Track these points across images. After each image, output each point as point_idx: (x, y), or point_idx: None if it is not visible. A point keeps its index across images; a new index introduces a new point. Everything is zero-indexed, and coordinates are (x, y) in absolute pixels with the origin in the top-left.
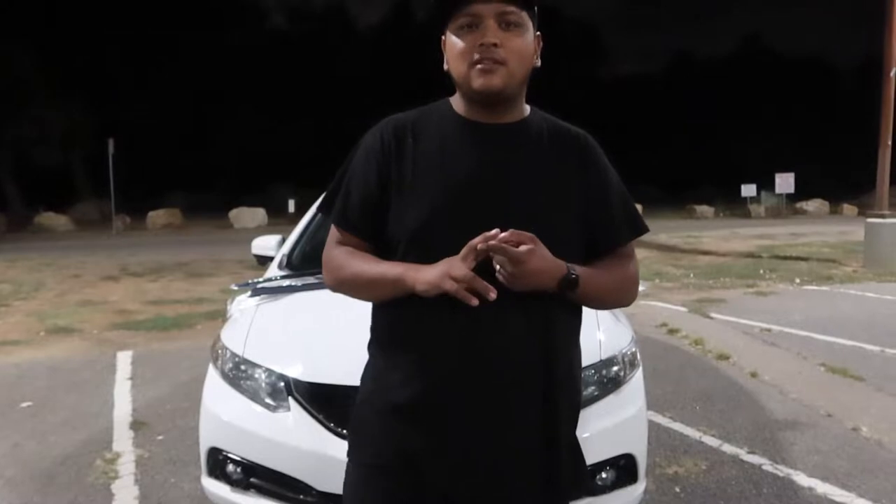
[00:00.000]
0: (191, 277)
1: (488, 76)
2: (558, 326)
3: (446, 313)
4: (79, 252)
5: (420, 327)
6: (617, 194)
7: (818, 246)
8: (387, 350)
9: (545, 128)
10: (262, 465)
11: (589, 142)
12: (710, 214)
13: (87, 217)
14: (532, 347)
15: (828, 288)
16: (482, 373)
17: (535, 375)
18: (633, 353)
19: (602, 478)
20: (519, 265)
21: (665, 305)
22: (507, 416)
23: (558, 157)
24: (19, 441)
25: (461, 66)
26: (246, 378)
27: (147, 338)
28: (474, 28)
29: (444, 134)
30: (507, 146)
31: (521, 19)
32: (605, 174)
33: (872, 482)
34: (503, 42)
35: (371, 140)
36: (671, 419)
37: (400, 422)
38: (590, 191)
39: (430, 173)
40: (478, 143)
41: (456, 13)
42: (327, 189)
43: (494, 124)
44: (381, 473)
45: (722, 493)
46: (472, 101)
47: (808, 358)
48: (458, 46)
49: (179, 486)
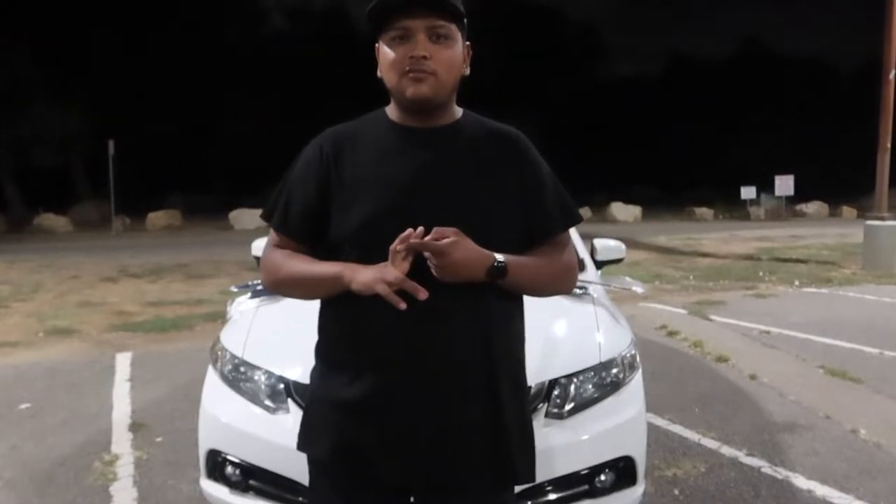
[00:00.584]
0: (190, 279)
1: (418, 85)
2: (495, 314)
3: (390, 312)
4: (78, 253)
5: (364, 327)
6: (550, 188)
7: (817, 248)
8: (334, 350)
9: (478, 128)
10: (261, 467)
11: (520, 139)
12: (710, 216)
13: (86, 218)
14: (472, 337)
15: (827, 290)
16: (426, 366)
17: (476, 363)
18: (633, 356)
19: (601, 480)
20: (443, 258)
21: (664, 307)
22: (454, 405)
23: (491, 155)
24: (18, 442)
25: (393, 75)
26: (245, 380)
27: (146, 339)
28: (405, 40)
29: (380, 141)
30: (441, 148)
31: (450, 32)
32: (537, 169)
33: (871, 484)
34: (433, 54)
35: (311, 150)
36: (670, 421)
37: (350, 418)
38: (523, 186)
39: (368, 179)
40: (412, 147)
41: (388, 26)
42: (270, 198)
43: (427, 128)
44: (336, 468)
45: (721, 496)
46: (404, 108)
47: (807, 360)
48: (390, 57)
49: (178, 488)
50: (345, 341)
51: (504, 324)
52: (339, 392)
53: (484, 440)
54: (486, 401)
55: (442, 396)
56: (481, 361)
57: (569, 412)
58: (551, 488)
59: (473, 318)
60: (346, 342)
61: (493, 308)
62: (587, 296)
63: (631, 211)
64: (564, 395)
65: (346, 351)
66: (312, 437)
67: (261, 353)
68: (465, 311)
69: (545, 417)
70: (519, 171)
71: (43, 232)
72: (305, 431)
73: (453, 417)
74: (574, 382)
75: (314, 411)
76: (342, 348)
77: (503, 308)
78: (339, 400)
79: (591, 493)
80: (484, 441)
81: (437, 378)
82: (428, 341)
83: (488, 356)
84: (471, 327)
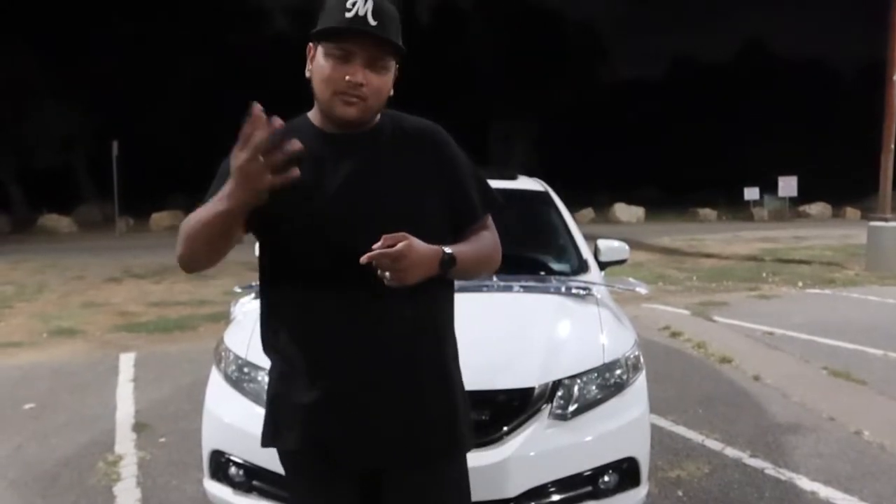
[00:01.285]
0: (193, 279)
1: (348, 108)
2: (437, 300)
3: (339, 313)
4: (82, 254)
5: (313, 329)
6: (469, 176)
7: (821, 249)
8: (286, 355)
9: (397, 127)
10: (265, 467)
11: (437, 132)
12: (713, 217)
13: (90, 219)
14: (421, 326)
15: (830, 291)
16: (380, 361)
17: (426, 349)
18: (637, 357)
19: (605, 481)
20: (401, 261)
21: (668, 308)
22: (411, 392)
23: (412, 151)
24: (22, 443)
25: (325, 91)
26: (249, 380)
27: (150, 340)
28: (344, 61)
29: (307, 148)
30: (364, 151)
31: (387, 63)
32: (456, 160)
33: (875, 486)
34: (367, 81)
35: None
36: (673, 422)
37: (313, 416)
38: (445, 177)
39: (298, 185)
40: (337, 152)
41: (331, 41)
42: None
43: (350, 133)
44: (305, 457)
45: (724, 497)
46: (329, 120)
47: (810, 361)
48: (326, 71)
49: (181, 488)
50: (295, 349)
51: (443, 306)
52: (299, 394)
53: (441, 417)
54: (439, 382)
55: (398, 386)
56: (430, 347)
57: (572, 413)
58: (555, 489)
59: (419, 307)
60: (297, 350)
61: (436, 294)
62: (591, 297)
63: (634, 212)
64: (568, 396)
65: (299, 359)
66: (278, 432)
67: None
68: (410, 302)
69: (549, 418)
70: (439, 163)
71: (47, 232)
72: (270, 428)
73: (412, 403)
74: (578, 383)
75: (277, 409)
76: (294, 356)
77: (439, 288)
78: (300, 401)
79: (595, 495)
80: (441, 418)
81: (393, 370)
82: (378, 336)
83: (437, 341)
84: (418, 317)
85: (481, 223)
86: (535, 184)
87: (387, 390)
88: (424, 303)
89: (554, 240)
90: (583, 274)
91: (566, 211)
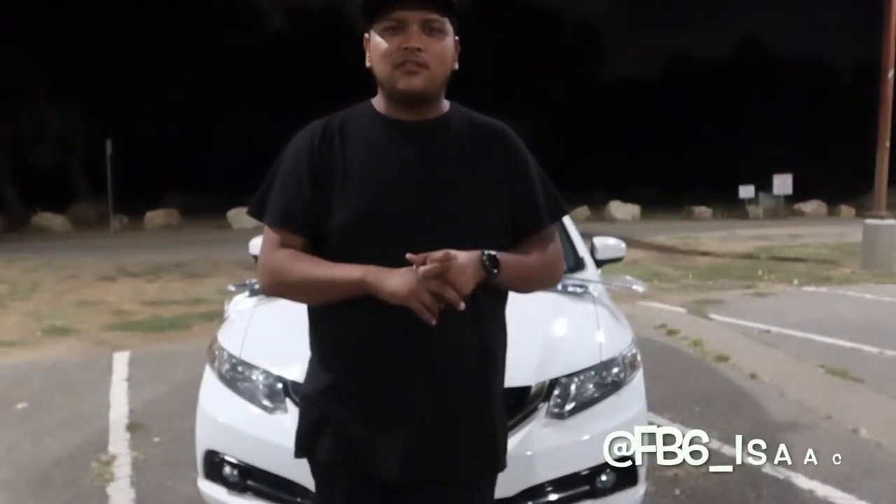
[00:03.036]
0: (188, 278)
1: (411, 78)
2: (484, 310)
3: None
4: (76, 252)
5: (356, 337)
6: (536, 181)
7: (816, 247)
8: (327, 363)
9: (465, 122)
10: (259, 467)
11: (507, 132)
12: (709, 215)
13: (84, 217)
14: (468, 342)
15: (826, 289)
16: (422, 370)
17: (468, 361)
18: (634, 355)
19: (602, 480)
20: (449, 271)
21: (664, 306)
22: (449, 405)
23: (479, 149)
24: (14, 443)
25: (385, 66)
26: (243, 380)
27: (144, 339)
28: (399, 31)
29: (368, 133)
30: (429, 141)
31: (443, 25)
32: (524, 162)
33: (872, 484)
34: (426, 47)
35: (301, 141)
36: (671, 420)
37: (347, 425)
38: (510, 179)
39: (357, 172)
40: (401, 139)
41: (382, 16)
42: (257, 192)
43: (416, 121)
44: (337, 470)
45: (722, 496)
46: (394, 100)
47: (807, 359)
48: (382, 48)
49: (176, 488)
50: (338, 353)
51: (492, 320)
52: (337, 406)
53: (476, 433)
54: (480, 398)
55: (438, 402)
56: (473, 359)
57: (569, 412)
58: (552, 489)
59: (464, 316)
60: (339, 354)
61: (482, 304)
62: (587, 295)
63: (629, 210)
64: (565, 394)
65: (340, 364)
66: (311, 443)
67: (259, 352)
68: (458, 316)
69: (546, 417)
70: (506, 164)
71: (41, 231)
72: (305, 439)
73: (451, 421)
74: (575, 382)
75: (310, 418)
76: (335, 359)
77: (490, 304)
78: (336, 413)
79: (592, 494)
80: (477, 434)
81: (435, 385)
82: (422, 349)
83: (483, 360)
84: (461, 326)
85: (544, 232)
86: None
87: (425, 406)
88: (473, 318)
89: None
90: (579, 272)
91: None
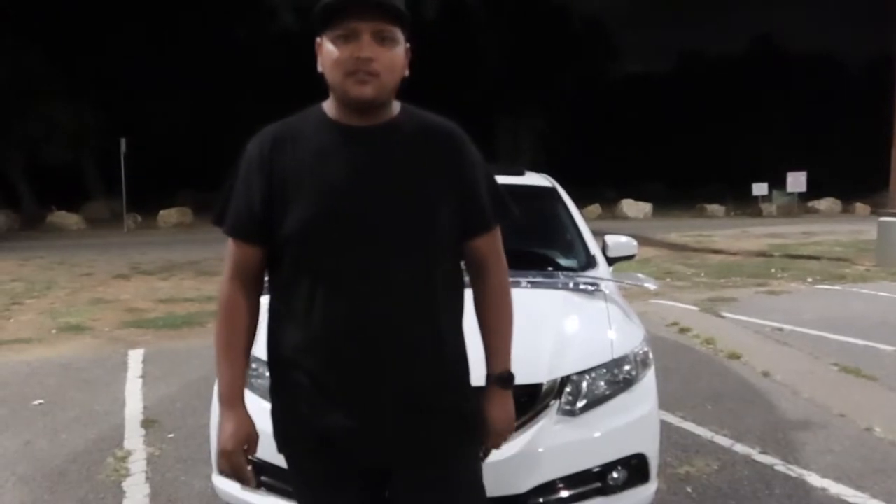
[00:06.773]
0: (201, 276)
1: (362, 87)
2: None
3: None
4: (90, 250)
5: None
6: (484, 182)
7: (830, 245)
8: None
9: (415, 124)
10: (273, 463)
11: (455, 133)
12: (721, 213)
13: (98, 216)
14: (422, 323)
15: (840, 287)
16: (380, 355)
17: (428, 345)
18: (646, 353)
19: (613, 477)
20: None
21: (676, 304)
22: (415, 386)
23: (428, 151)
24: (31, 438)
25: (337, 74)
26: (257, 376)
27: (158, 336)
28: (351, 40)
29: (319, 139)
30: (379, 147)
31: (394, 35)
32: (472, 164)
33: (886, 483)
34: (377, 56)
35: (252, 150)
36: (682, 418)
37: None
38: (459, 180)
39: (308, 179)
40: (351, 145)
41: (335, 24)
42: (217, 202)
43: (366, 126)
44: (313, 459)
45: (734, 494)
46: (345, 105)
47: (820, 357)
48: (334, 55)
49: (190, 484)
50: (298, 345)
51: (447, 304)
52: (304, 397)
53: (447, 417)
54: (444, 380)
55: (401, 384)
56: (435, 346)
57: (581, 409)
58: (563, 485)
59: (422, 305)
60: (300, 346)
61: (439, 291)
62: (599, 292)
63: (641, 207)
64: (577, 392)
65: (302, 355)
66: (285, 436)
67: None
68: (412, 301)
69: (557, 414)
70: (455, 166)
71: (55, 229)
72: (279, 432)
73: (415, 401)
74: (586, 379)
75: (281, 411)
76: (296, 352)
77: (448, 291)
78: (304, 398)
79: (604, 491)
80: (447, 418)
81: (397, 368)
82: (381, 333)
83: (440, 339)
84: (421, 314)
85: (489, 234)
86: (542, 179)
87: (389, 388)
88: (427, 301)
89: (561, 235)
90: (591, 269)
91: (574, 206)
